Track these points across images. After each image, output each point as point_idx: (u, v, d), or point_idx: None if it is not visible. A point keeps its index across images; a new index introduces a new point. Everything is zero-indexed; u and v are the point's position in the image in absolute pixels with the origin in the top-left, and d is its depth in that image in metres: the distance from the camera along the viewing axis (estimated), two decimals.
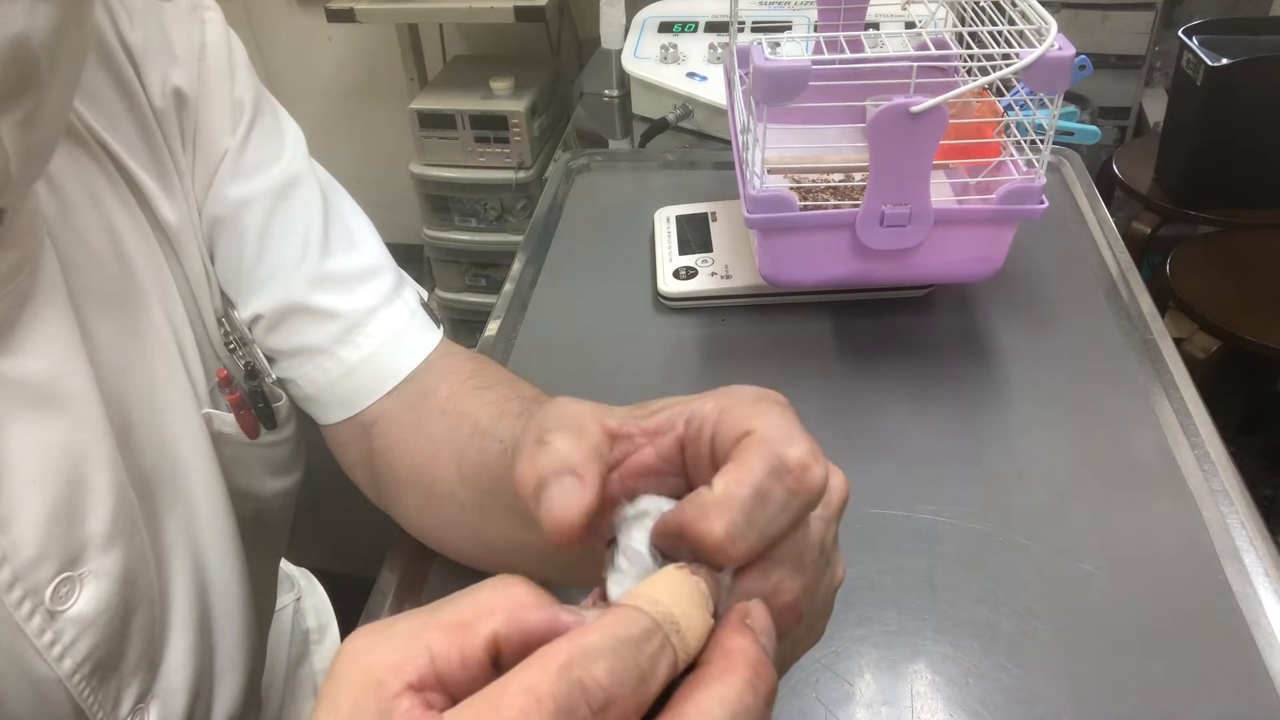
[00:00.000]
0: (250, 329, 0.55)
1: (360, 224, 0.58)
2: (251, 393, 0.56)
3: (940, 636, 0.55)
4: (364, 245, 0.57)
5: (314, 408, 0.57)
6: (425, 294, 0.60)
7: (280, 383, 0.57)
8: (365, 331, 0.55)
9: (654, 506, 0.30)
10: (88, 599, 0.45)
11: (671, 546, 0.28)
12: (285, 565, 0.81)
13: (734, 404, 0.30)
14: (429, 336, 0.57)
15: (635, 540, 0.29)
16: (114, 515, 0.46)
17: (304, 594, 0.79)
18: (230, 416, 0.55)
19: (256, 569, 0.61)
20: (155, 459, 0.51)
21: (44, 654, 0.44)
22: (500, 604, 0.24)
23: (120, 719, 0.48)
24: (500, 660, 0.24)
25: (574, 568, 0.43)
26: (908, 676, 0.53)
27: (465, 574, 0.63)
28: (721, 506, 0.26)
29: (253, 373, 0.56)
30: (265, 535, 0.63)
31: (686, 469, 0.32)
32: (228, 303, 0.56)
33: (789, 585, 0.29)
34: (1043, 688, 0.52)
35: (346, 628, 0.76)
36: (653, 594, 0.25)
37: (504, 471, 0.47)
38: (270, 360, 0.56)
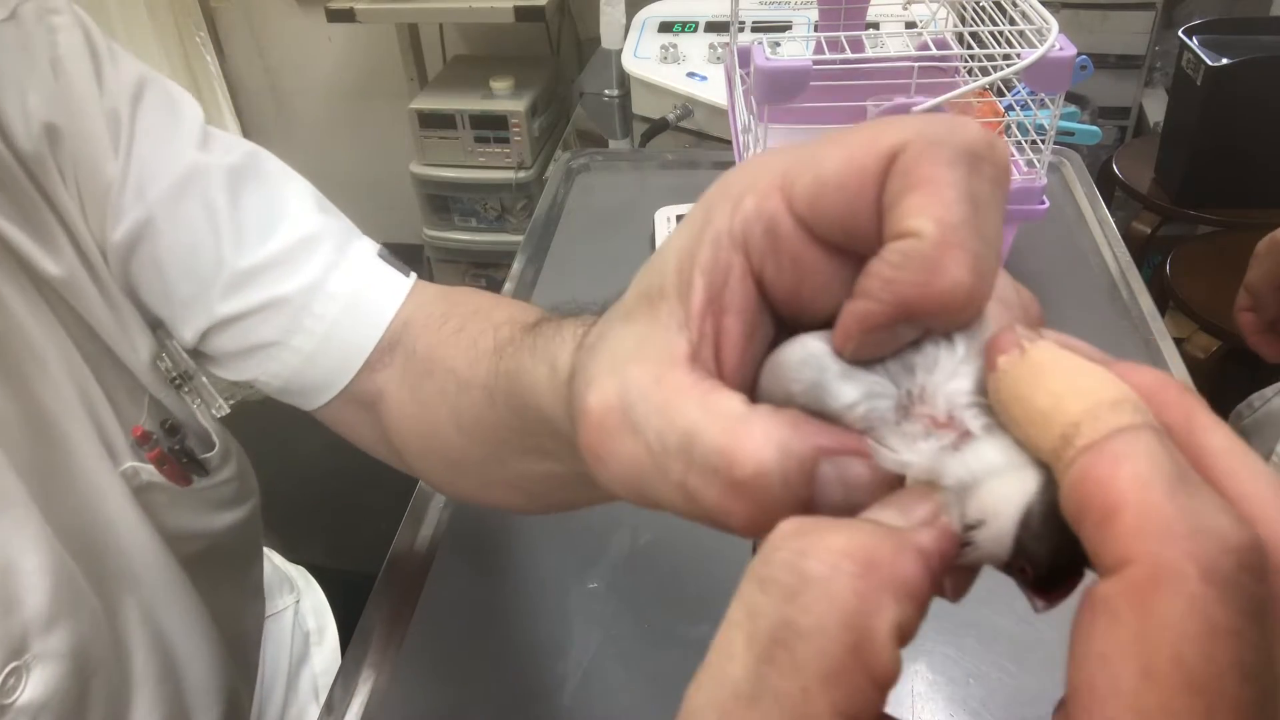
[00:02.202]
0: (196, 351, 0.52)
1: (290, 191, 0.52)
2: (172, 449, 0.53)
3: (940, 636, 0.55)
4: (289, 218, 0.51)
5: (292, 398, 0.53)
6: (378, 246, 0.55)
7: (249, 385, 0.53)
8: (313, 312, 0.49)
9: (806, 343, 0.22)
10: (36, 684, 0.43)
11: (883, 344, 0.20)
12: (283, 565, 0.81)
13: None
14: (392, 293, 0.51)
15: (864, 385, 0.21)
16: (53, 593, 0.44)
17: (302, 595, 0.79)
18: (155, 469, 0.53)
19: (226, 595, 0.60)
20: (84, 523, 0.48)
21: None
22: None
23: None
24: None
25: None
26: (908, 676, 0.53)
27: (465, 574, 0.63)
28: (948, 244, 0.19)
29: (172, 429, 0.54)
30: (230, 561, 0.62)
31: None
32: (165, 334, 0.53)
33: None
34: (1043, 688, 0.52)
35: (346, 628, 0.76)
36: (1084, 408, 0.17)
37: (496, 418, 0.42)
38: (227, 369, 0.52)
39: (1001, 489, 0.18)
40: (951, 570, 0.19)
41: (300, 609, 0.78)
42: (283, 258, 0.50)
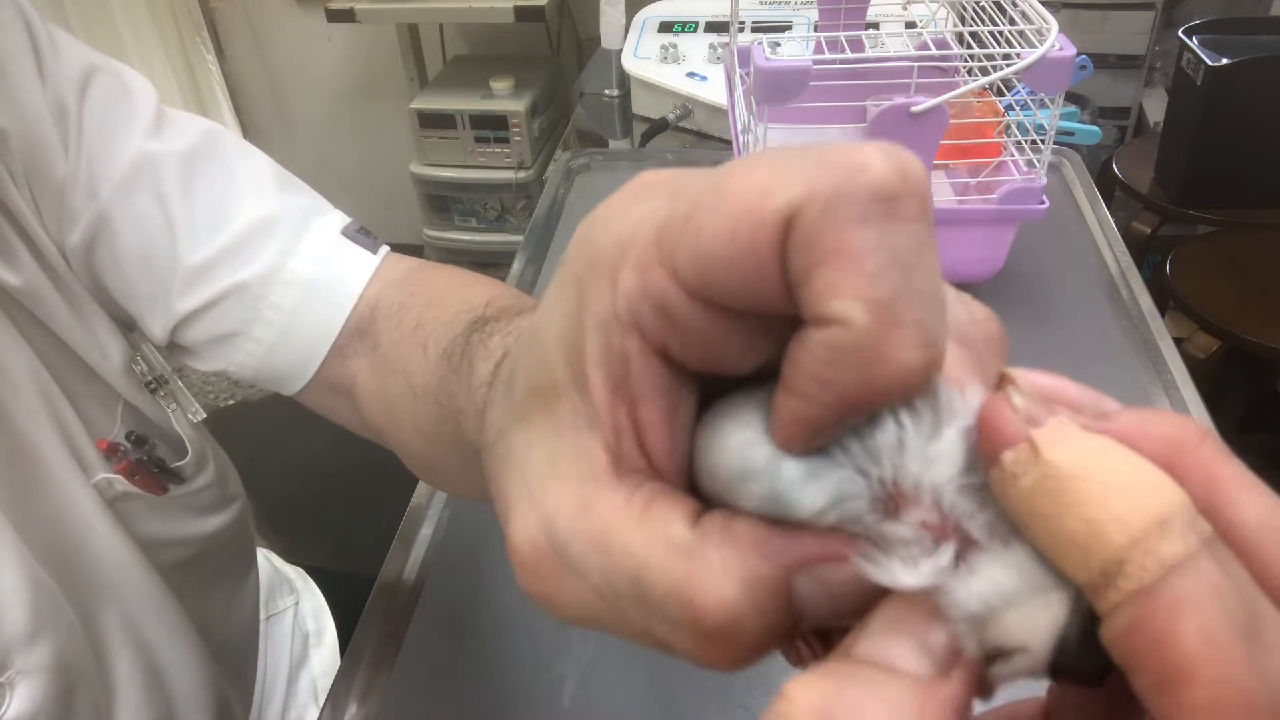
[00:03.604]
0: (170, 345, 0.51)
1: (246, 170, 0.50)
2: (141, 460, 0.53)
3: None
4: (249, 200, 0.49)
5: (267, 385, 0.52)
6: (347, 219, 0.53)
7: (224, 373, 0.52)
8: (270, 301, 0.48)
9: (740, 433, 0.18)
10: (21, 699, 0.43)
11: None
12: (282, 566, 0.80)
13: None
14: (354, 277, 0.49)
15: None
16: (32, 608, 0.44)
17: (301, 597, 0.79)
18: (124, 480, 0.52)
19: (215, 601, 0.60)
20: (58, 537, 0.48)
21: None
22: None
23: None
24: None
25: None
26: None
27: (465, 575, 0.63)
28: (884, 326, 0.16)
29: (139, 440, 0.53)
30: (218, 566, 0.62)
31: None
32: (140, 337, 0.52)
33: None
34: (1043, 687, 0.52)
35: (345, 629, 0.76)
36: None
37: (450, 432, 0.39)
38: (200, 360, 0.52)
39: (1027, 621, 0.16)
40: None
41: (299, 611, 0.78)
42: (238, 245, 0.48)
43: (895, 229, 0.16)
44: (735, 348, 0.18)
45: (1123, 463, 0.15)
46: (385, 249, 0.52)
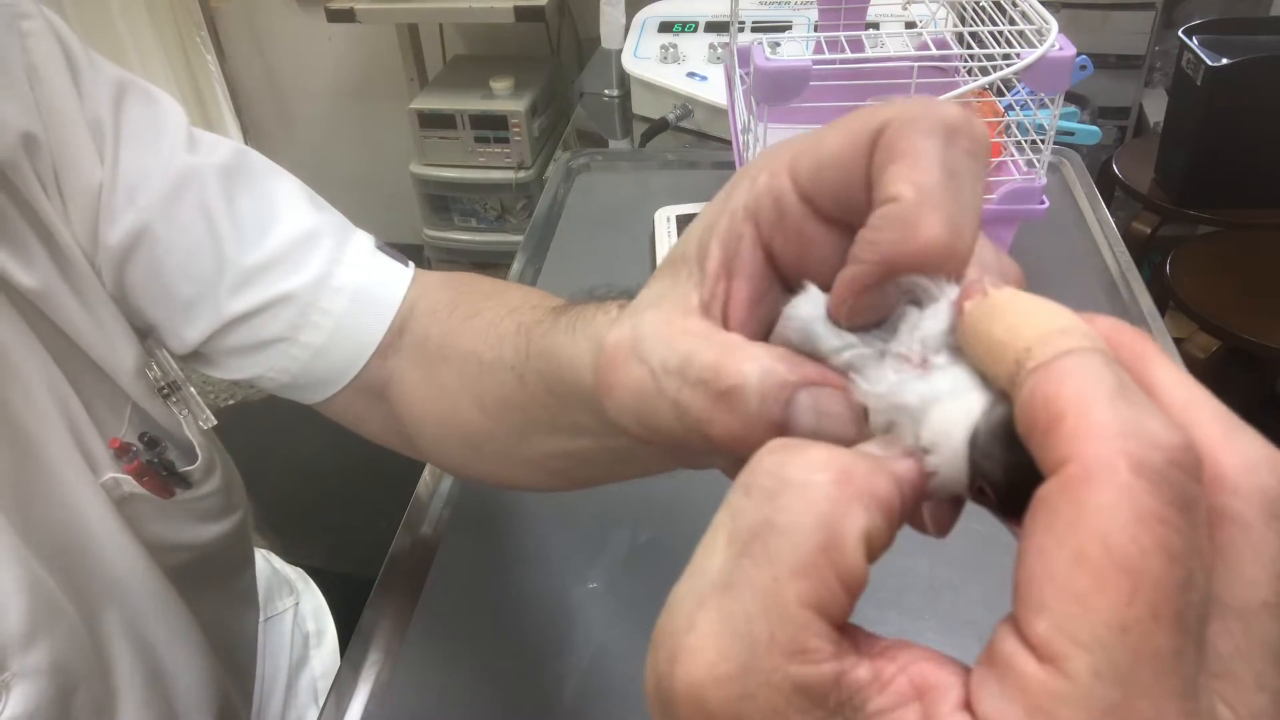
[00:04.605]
0: (196, 353, 0.52)
1: (280, 188, 0.52)
2: (151, 462, 0.53)
3: (941, 637, 0.55)
4: (289, 214, 0.51)
5: (299, 393, 0.53)
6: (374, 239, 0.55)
7: (251, 383, 0.53)
8: (320, 307, 0.50)
9: (811, 295, 0.24)
10: (17, 701, 0.43)
11: (863, 305, 0.22)
12: (282, 567, 0.80)
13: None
14: (396, 282, 0.52)
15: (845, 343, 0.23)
16: (30, 610, 0.44)
17: (301, 597, 0.79)
18: (133, 480, 0.52)
19: (215, 603, 0.60)
20: (62, 536, 0.48)
21: None
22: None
23: None
24: None
25: (642, 460, 0.39)
26: None
27: (465, 575, 0.63)
28: (924, 204, 0.21)
29: (152, 442, 0.53)
30: (217, 570, 0.62)
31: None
32: (155, 343, 0.53)
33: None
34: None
35: (346, 630, 0.76)
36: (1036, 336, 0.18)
37: (527, 398, 0.42)
38: (229, 369, 0.52)
39: (948, 412, 0.20)
40: (930, 502, 0.21)
41: (299, 611, 0.78)
42: (283, 255, 0.50)
43: (951, 149, 0.21)
44: (820, 254, 0.24)
45: (1045, 302, 0.20)
46: (413, 265, 0.54)
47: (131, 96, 0.49)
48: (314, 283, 0.50)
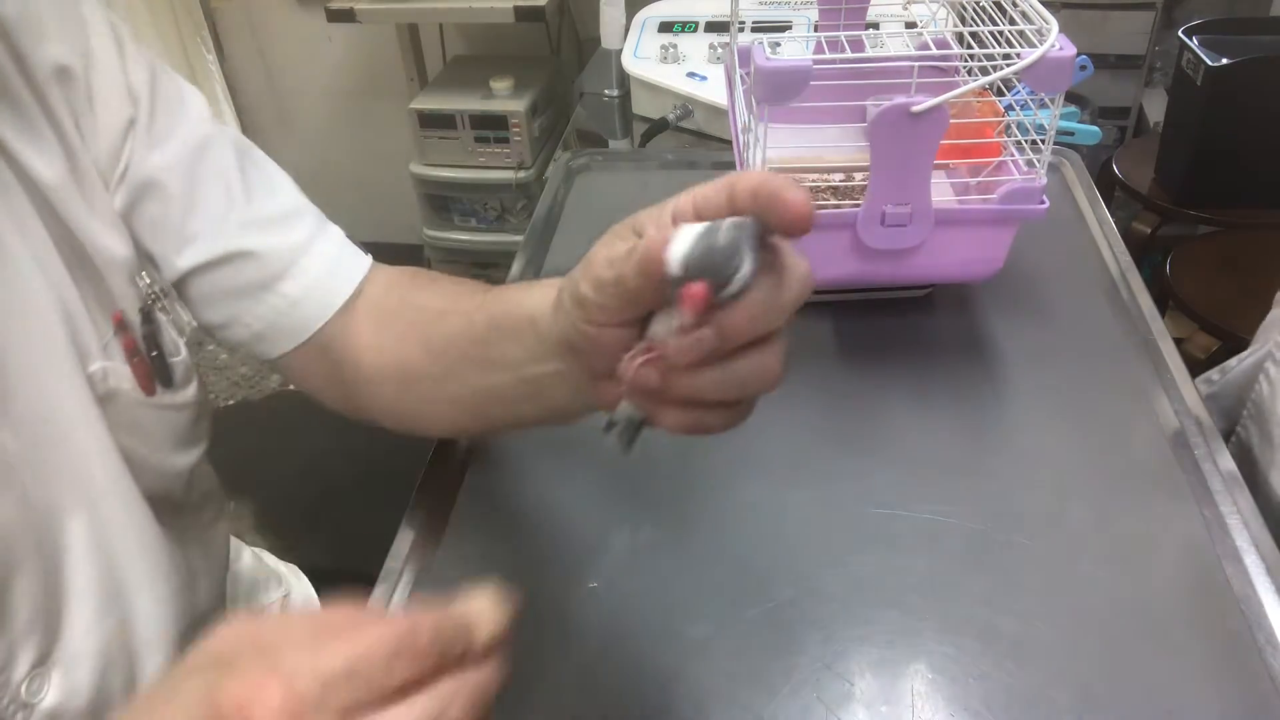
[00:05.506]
0: (184, 282, 0.57)
1: (276, 172, 0.61)
2: (146, 338, 0.56)
3: (941, 636, 0.55)
4: (284, 190, 0.60)
5: (263, 344, 0.59)
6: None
7: (221, 328, 0.59)
8: (301, 265, 0.58)
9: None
10: None
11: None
12: (274, 563, 0.80)
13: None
14: (361, 261, 0.61)
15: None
16: None
17: (292, 589, 0.79)
18: (125, 369, 0.54)
19: (187, 547, 0.61)
20: (37, 419, 0.49)
21: None
22: None
23: (15, 680, 0.48)
24: None
25: (547, 395, 0.49)
26: (908, 676, 0.53)
27: (464, 575, 0.63)
28: (792, 187, 0.35)
29: (148, 318, 0.56)
30: (186, 514, 0.62)
31: None
32: (150, 263, 0.57)
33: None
34: (1043, 687, 0.52)
35: None
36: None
37: (471, 336, 0.53)
38: (210, 307, 0.58)
39: (682, 244, 0.36)
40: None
41: (289, 603, 0.78)
42: (281, 217, 0.59)
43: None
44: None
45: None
46: (370, 256, 0.63)
47: (164, 76, 0.57)
48: (299, 245, 0.58)
